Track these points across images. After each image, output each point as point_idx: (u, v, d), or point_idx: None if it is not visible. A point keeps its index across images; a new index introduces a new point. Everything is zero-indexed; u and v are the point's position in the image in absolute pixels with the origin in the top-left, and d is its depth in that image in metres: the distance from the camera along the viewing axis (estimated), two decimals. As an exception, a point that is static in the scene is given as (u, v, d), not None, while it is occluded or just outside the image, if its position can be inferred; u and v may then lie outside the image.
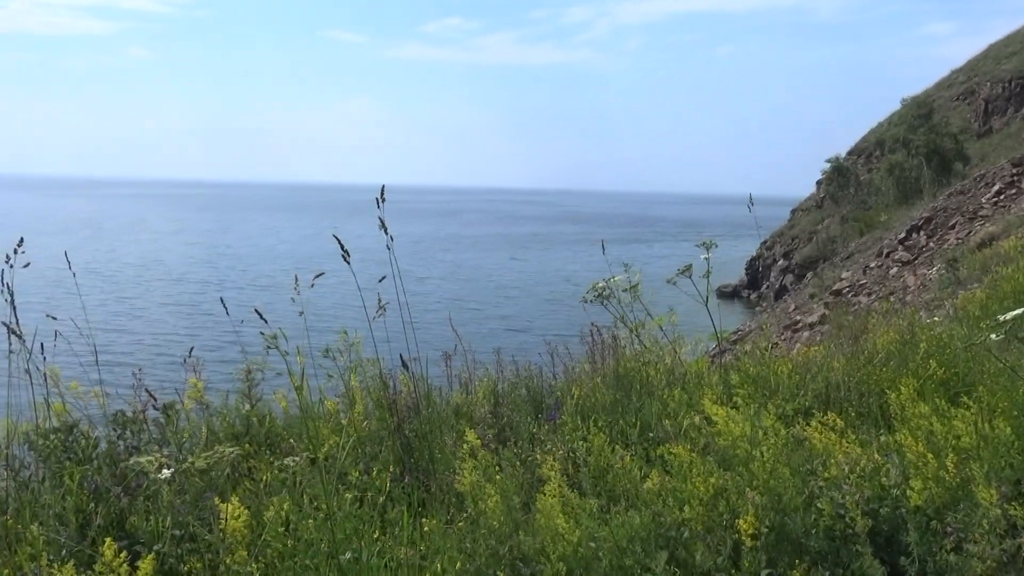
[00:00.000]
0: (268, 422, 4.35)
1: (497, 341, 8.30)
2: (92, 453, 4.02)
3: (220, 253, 50.41)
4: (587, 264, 49.63)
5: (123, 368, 4.92)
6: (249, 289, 31.57)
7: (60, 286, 25.47)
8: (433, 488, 3.83)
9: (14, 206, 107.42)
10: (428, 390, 4.46)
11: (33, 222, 73.72)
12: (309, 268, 27.43)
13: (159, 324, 24.41)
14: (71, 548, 3.52)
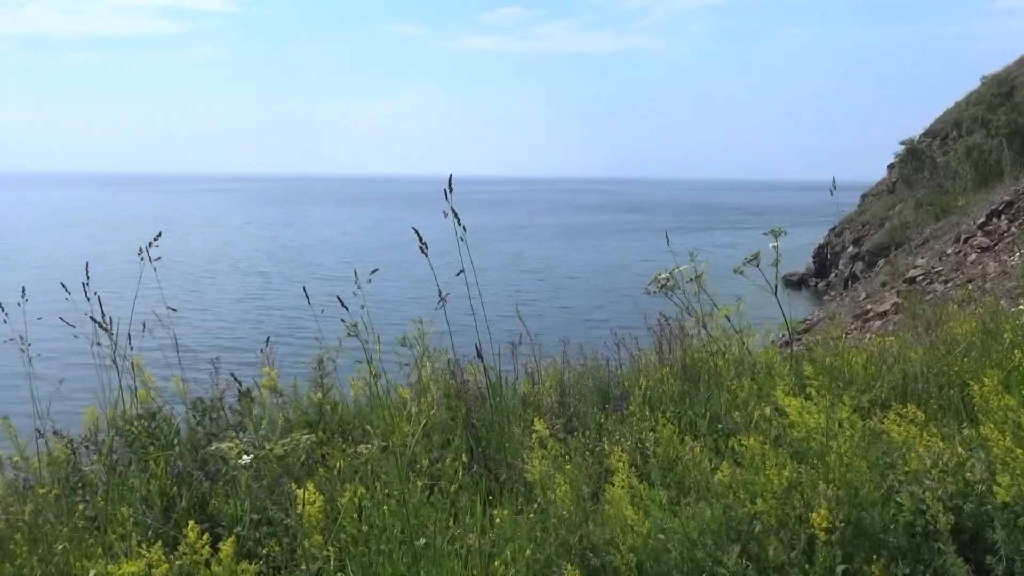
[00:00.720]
0: (340, 410, 4.45)
1: (557, 332, 8.29)
2: (174, 439, 4.18)
3: (283, 246, 51.60)
4: (646, 253, 49.09)
5: (192, 356, 5.08)
6: (311, 281, 32.33)
7: (133, 279, 26.52)
8: (502, 477, 3.86)
9: (94, 202, 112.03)
10: (498, 379, 4.49)
11: (109, 217, 76.77)
12: (369, 260, 28.05)
13: (227, 316, 25.13)
14: (157, 529, 3.68)
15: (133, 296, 4.71)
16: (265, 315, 23.98)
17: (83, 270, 4.73)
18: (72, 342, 4.42)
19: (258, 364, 4.95)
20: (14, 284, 4.64)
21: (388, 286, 27.55)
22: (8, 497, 3.83)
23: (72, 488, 3.92)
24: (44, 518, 3.56)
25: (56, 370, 4.85)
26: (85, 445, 4.24)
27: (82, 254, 38.44)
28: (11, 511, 3.64)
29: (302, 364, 5.06)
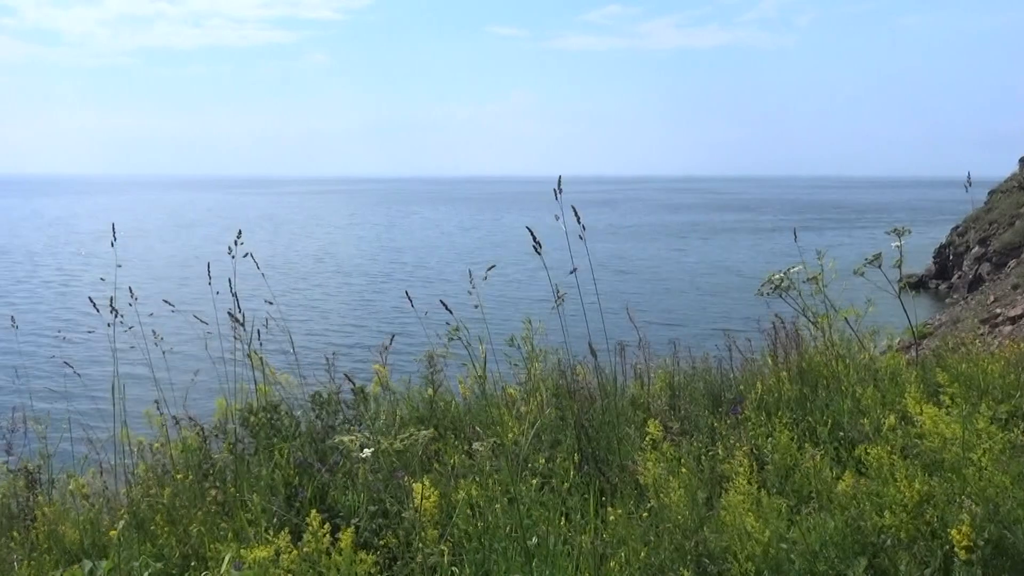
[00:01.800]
0: (453, 407, 4.52)
1: (661, 334, 8.12)
2: (296, 431, 4.36)
3: (383, 246, 52.92)
4: (750, 254, 47.62)
5: (305, 353, 5.28)
6: (411, 281, 32.94)
7: (246, 278, 27.84)
8: (614, 478, 3.82)
9: (215, 204, 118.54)
10: (611, 380, 4.46)
11: (225, 219, 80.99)
12: (469, 260, 28.41)
13: (332, 315, 25.97)
14: (281, 517, 3.85)
15: (242, 294, 4.94)
16: (369, 315, 24.70)
17: (201, 268, 5.01)
18: (204, 335, 4.70)
19: (367, 361, 5.11)
20: (143, 280, 4.96)
21: (494, 286, 27.83)
22: (149, 480, 4.09)
23: (204, 474, 4.15)
24: (180, 501, 3.79)
25: (192, 362, 5.15)
26: (215, 434, 4.48)
27: (202, 253, 40.47)
28: (151, 493, 3.89)
29: (411, 363, 5.17)
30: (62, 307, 25.98)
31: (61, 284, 31.35)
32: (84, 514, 3.93)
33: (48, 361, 14.76)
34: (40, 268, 36.69)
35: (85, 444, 4.73)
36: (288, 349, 5.24)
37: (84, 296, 18.77)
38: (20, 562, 3.63)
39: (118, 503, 4.23)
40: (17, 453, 4.43)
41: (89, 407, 5.28)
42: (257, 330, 4.53)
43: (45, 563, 3.57)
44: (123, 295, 5.03)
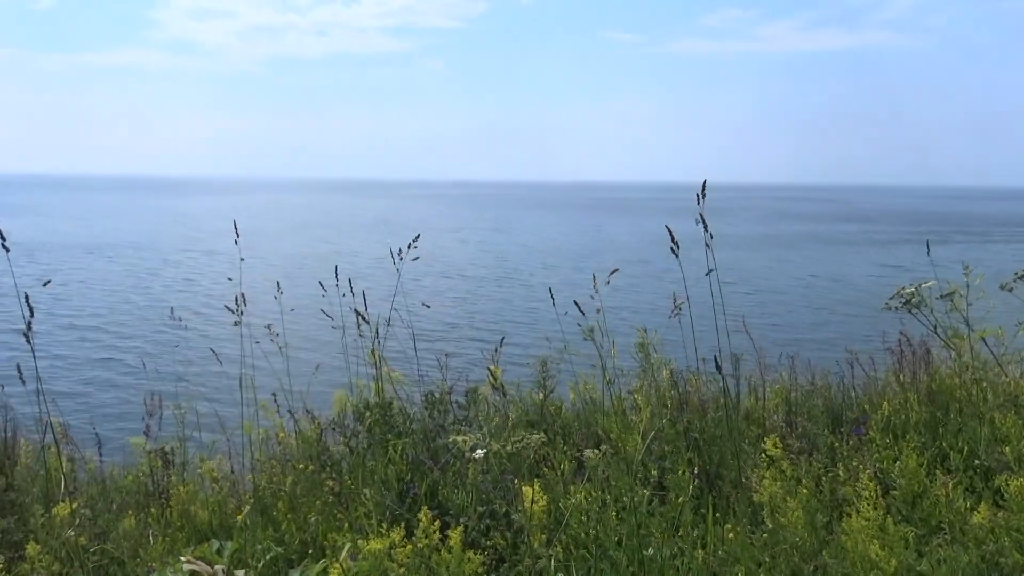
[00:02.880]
0: (562, 412, 4.52)
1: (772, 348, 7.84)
2: (408, 428, 4.48)
3: (489, 250, 53.46)
4: (870, 267, 45.26)
5: (415, 352, 5.40)
6: (511, 285, 33.17)
7: (361, 278, 28.80)
8: (731, 495, 3.72)
9: (332, 206, 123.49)
10: (724, 392, 4.34)
11: (339, 221, 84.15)
12: (575, 266, 28.15)
13: (443, 315, 26.48)
14: (393, 511, 3.96)
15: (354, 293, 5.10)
16: (478, 317, 25.05)
17: (315, 267, 5.22)
18: (326, 331, 4.91)
19: (477, 362, 5.17)
20: (263, 278, 5.21)
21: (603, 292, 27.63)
22: (273, 468, 4.30)
23: (321, 466, 4.33)
24: (300, 490, 3.96)
25: (316, 357, 5.39)
26: (332, 428, 4.66)
27: (315, 252, 41.91)
28: (274, 481, 4.09)
29: (522, 366, 5.21)
30: (190, 300, 27.70)
31: (185, 280, 33.45)
32: (213, 496, 4.18)
33: (183, 351, 15.84)
34: (168, 265, 39.24)
35: (215, 430, 5.02)
36: (403, 348, 5.38)
37: (206, 290, 19.92)
38: (156, 537, 3.89)
39: (242, 488, 4.46)
40: (154, 435, 4.76)
41: (222, 396, 5.61)
42: (377, 328, 4.68)
43: (178, 540, 3.81)
44: (248, 291, 5.31)
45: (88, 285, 30.18)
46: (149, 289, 30.29)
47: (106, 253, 44.80)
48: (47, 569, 3.62)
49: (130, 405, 12.67)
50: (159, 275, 35.60)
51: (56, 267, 36.66)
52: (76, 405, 13.37)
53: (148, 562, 3.58)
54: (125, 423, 10.42)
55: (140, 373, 16.14)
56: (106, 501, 4.37)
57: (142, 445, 4.70)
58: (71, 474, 4.43)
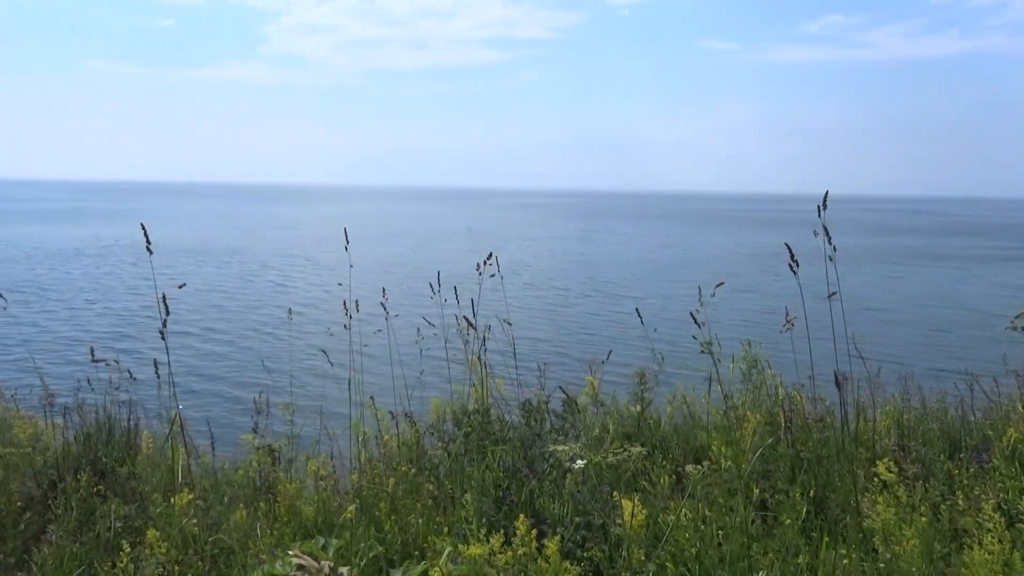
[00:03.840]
0: (660, 426, 4.46)
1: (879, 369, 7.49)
2: (506, 435, 4.52)
3: (573, 260, 52.98)
4: (985, 286, 42.61)
5: (510, 360, 5.43)
6: (598, 296, 32.87)
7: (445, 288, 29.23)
8: (840, 519, 3.57)
9: (424, 214, 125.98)
10: (831, 412, 4.19)
11: (430, 229, 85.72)
12: (663, 278, 27.56)
13: (527, 326, 26.48)
14: (490, 517, 3.99)
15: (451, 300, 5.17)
16: (565, 327, 24.98)
17: (404, 274, 5.34)
18: (430, 337, 5.02)
19: (573, 373, 5.17)
20: (362, 284, 5.35)
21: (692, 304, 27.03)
22: (376, 469, 4.42)
23: (420, 469, 4.41)
24: (402, 491, 4.05)
25: (420, 361, 5.51)
26: (430, 432, 4.75)
27: (407, 261, 42.65)
28: (376, 483, 4.20)
29: (614, 377, 5.17)
30: (294, 303, 28.83)
31: (279, 284, 34.78)
32: (318, 493, 4.32)
33: (291, 352, 16.46)
34: (267, 269, 40.88)
35: (319, 430, 5.20)
36: (501, 356, 5.43)
37: (307, 293, 20.53)
38: (264, 530, 4.05)
39: (345, 487, 4.60)
40: (262, 433, 4.96)
41: (328, 397, 5.80)
42: (483, 336, 4.75)
43: (285, 534, 3.96)
44: (347, 296, 5.48)
45: (202, 286, 31.81)
46: (258, 291, 31.66)
47: (215, 256, 47.09)
48: (165, 555, 3.82)
49: (241, 403, 13.28)
50: (263, 278, 37.14)
51: (170, 268, 38.75)
52: (190, 400, 14.10)
53: (257, 554, 3.73)
54: (236, 420, 10.91)
55: (250, 372, 16.88)
56: (218, 494, 4.58)
57: (251, 442, 4.91)
58: (187, 466, 4.67)
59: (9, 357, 17.12)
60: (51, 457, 5.01)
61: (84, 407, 5.38)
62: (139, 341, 20.70)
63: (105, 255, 45.88)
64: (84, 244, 52.47)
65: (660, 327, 23.97)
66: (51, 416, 5.52)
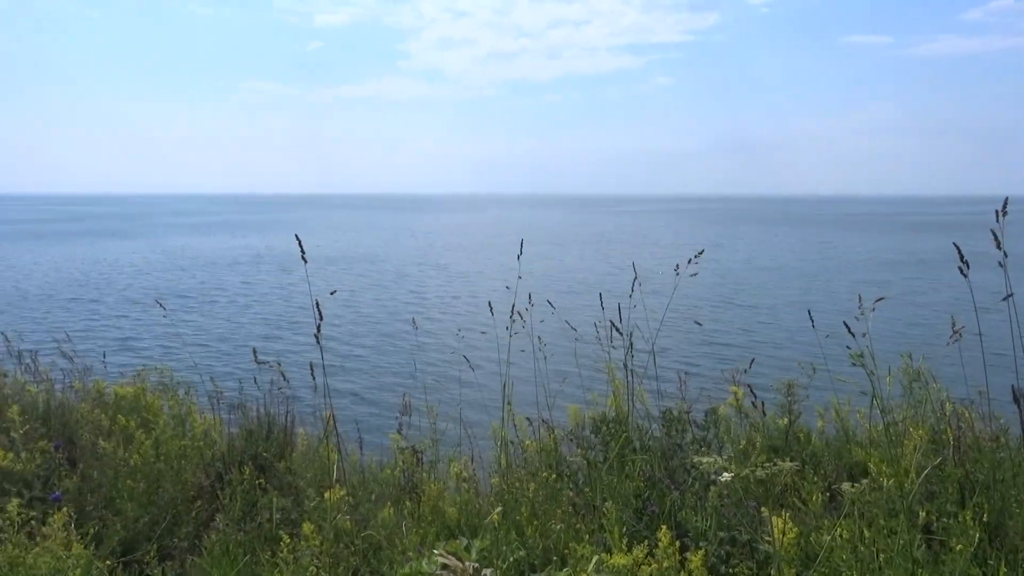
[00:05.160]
0: (811, 440, 4.25)
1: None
2: (646, 444, 4.45)
3: (707, 267, 51.22)
4: None
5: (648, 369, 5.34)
6: (733, 305, 31.68)
7: (573, 293, 29.10)
8: (1020, 548, 3.27)
9: (556, 222, 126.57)
10: (1005, 431, 3.85)
11: (560, 236, 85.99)
12: (804, 286, 26.17)
13: (666, 333, 25.86)
14: (631, 527, 3.94)
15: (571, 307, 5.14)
16: (700, 335, 24.34)
17: (534, 282, 5.35)
18: (564, 341, 5.03)
19: (715, 382, 5.02)
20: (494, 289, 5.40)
21: (850, 316, 25.62)
22: (518, 474, 4.48)
23: (558, 475, 4.42)
24: (542, 497, 4.07)
25: (565, 367, 5.56)
26: (569, 438, 4.75)
27: (534, 268, 42.98)
28: (516, 488, 4.25)
29: (760, 388, 4.97)
30: (429, 308, 29.76)
31: (413, 292, 35.93)
32: (461, 495, 4.43)
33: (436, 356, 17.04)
34: (403, 277, 42.37)
35: (461, 431, 5.34)
36: (639, 363, 5.36)
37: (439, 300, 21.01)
38: (409, 529, 4.19)
39: (485, 490, 4.68)
40: (407, 434, 5.14)
41: (471, 400, 5.94)
42: (630, 343, 4.71)
43: (429, 533, 4.08)
44: (481, 300, 5.57)
45: (350, 292, 33.43)
46: (401, 296, 32.94)
47: (359, 264, 49.38)
48: (319, 547, 4.03)
49: (384, 405, 13.85)
50: (404, 284, 38.55)
51: (315, 276, 40.97)
52: (337, 400, 14.86)
53: (404, 551, 3.86)
54: (380, 421, 11.39)
55: (394, 375, 17.59)
56: (366, 491, 4.78)
57: (397, 442, 5.10)
58: (339, 463, 4.91)
59: (177, 357, 18.67)
60: (218, 451, 5.42)
61: (246, 405, 5.79)
62: (291, 343, 22.04)
63: (257, 263, 49.23)
64: (239, 253, 56.51)
65: (803, 336, 22.86)
66: (218, 412, 5.97)
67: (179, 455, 5.17)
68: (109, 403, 6.22)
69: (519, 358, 5.36)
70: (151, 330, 24.16)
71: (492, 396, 5.70)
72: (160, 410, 6.05)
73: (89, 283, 37.93)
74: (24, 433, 5.23)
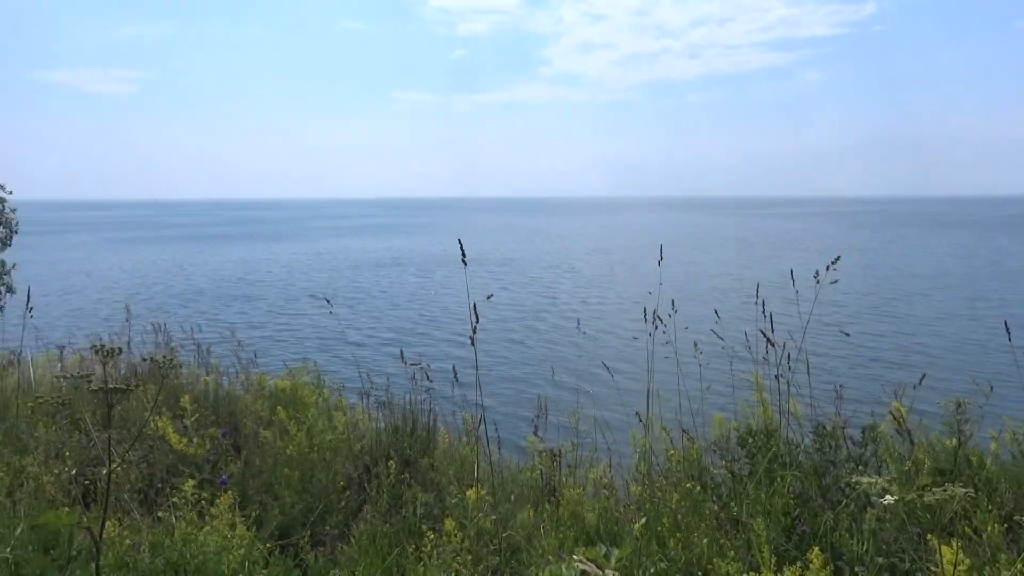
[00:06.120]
0: (985, 465, 3.90)
1: None
2: (796, 459, 4.24)
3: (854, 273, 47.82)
4: None
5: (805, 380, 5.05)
6: (883, 314, 29.42)
7: (698, 301, 28.11)
8: None
9: (693, 225, 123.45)
10: None
11: (702, 240, 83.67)
12: (963, 295, 24.02)
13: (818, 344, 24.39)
14: (779, 546, 3.76)
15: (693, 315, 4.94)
16: (853, 347, 22.85)
17: (681, 286, 5.19)
18: (711, 350, 4.89)
19: (871, 397, 4.70)
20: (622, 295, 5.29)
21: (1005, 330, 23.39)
22: (658, 483, 4.39)
23: (702, 487, 4.29)
24: (684, 509, 3.97)
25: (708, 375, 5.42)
26: (713, 449, 4.60)
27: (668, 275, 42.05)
28: (658, 498, 4.16)
29: (922, 405, 4.61)
30: (566, 311, 29.86)
31: (544, 294, 36.06)
32: (600, 501, 4.39)
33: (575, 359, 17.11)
34: (533, 280, 42.63)
35: (599, 437, 5.30)
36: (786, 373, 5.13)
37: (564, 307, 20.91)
38: (547, 532, 4.20)
39: (624, 497, 4.62)
40: (546, 437, 5.16)
41: (608, 404, 5.91)
42: (788, 354, 4.51)
43: (567, 537, 4.07)
44: (621, 305, 5.49)
45: (501, 294, 34.13)
46: (544, 300, 33.28)
47: (504, 266, 50.30)
48: (460, 544, 4.12)
49: (523, 407, 14.01)
50: (548, 286, 38.86)
51: (452, 278, 42.10)
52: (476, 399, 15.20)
53: (543, 554, 3.88)
54: (520, 421, 11.53)
55: (533, 376, 17.78)
56: (505, 491, 4.85)
57: (535, 444, 5.13)
58: (480, 463, 5.00)
59: (328, 354, 19.74)
60: (366, 444, 5.66)
61: (392, 402, 6.02)
62: (432, 342, 22.76)
63: (398, 264, 51.29)
64: (382, 256, 59.06)
65: (968, 352, 21.00)
66: (366, 407, 6.25)
67: (330, 447, 5.45)
68: (269, 395, 6.66)
69: (661, 364, 5.25)
70: (305, 327, 25.72)
71: (631, 401, 5.61)
72: (313, 403, 6.40)
73: (251, 282, 40.94)
74: (195, 420, 5.70)
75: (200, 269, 48.68)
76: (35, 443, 5.39)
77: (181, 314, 27.92)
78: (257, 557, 3.87)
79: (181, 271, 47.49)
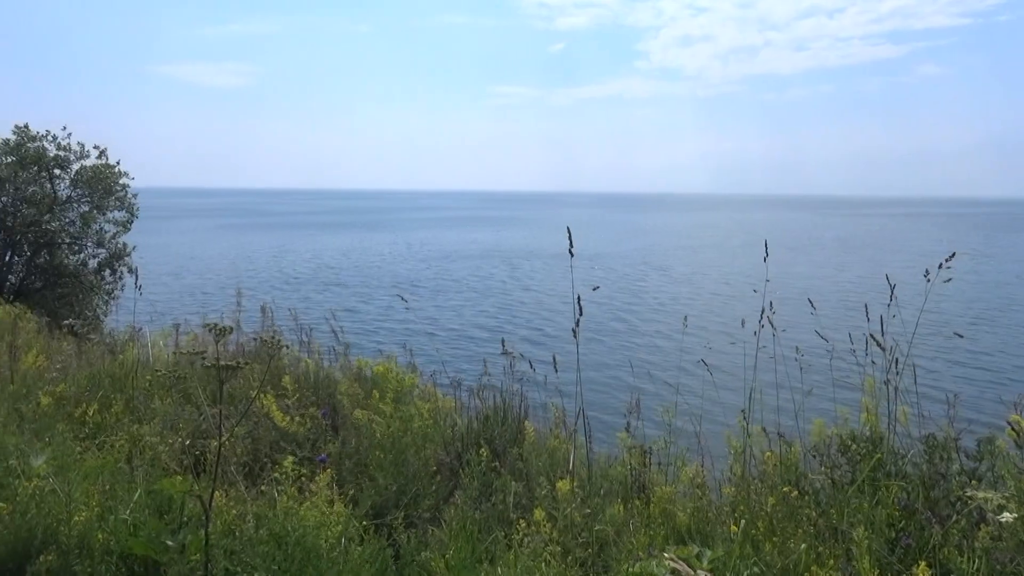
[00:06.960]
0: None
1: None
2: (902, 469, 4.05)
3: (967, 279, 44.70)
4: None
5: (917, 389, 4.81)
6: (990, 325, 27.53)
7: (794, 302, 27.09)
8: None
9: (795, 224, 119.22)
10: None
11: (796, 240, 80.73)
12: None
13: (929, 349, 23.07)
14: (882, 558, 3.60)
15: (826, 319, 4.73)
16: (970, 354, 21.58)
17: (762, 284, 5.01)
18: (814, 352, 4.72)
19: (992, 410, 4.43)
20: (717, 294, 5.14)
21: None
22: (753, 485, 4.29)
23: (800, 494, 4.15)
24: (780, 514, 3.86)
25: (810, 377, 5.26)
26: (812, 455, 4.45)
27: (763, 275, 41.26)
28: (753, 500, 4.06)
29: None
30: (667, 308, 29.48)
31: (639, 290, 35.59)
32: (692, 501, 4.32)
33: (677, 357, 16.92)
34: (624, 277, 42.12)
35: (694, 436, 5.21)
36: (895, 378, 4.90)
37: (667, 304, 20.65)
38: (637, 529, 4.16)
39: (716, 498, 4.53)
40: (638, 432, 5.12)
41: (702, 404, 5.81)
42: (896, 357, 4.32)
43: (658, 536, 4.02)
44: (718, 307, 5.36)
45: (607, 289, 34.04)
46: (645, 296, 33.01)
47: (601, 261, 50.11)
48: (548, 535, 4.14)
49: (615, 400, 13.94)
50: (649, 283, 38.46)
51: (540, 272, 42.20)
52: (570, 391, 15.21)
53: (632, 550, 3.85)
54: (612, 415, 11.48)
55: (623, 371, 17.67)
56: (594, 485, 4.83)
57: (625, 441, 5.09)
58: (574, 455, 5.01)
59: (422, 340, 20.17)
60: (458, 432, 5.76)
61: (483, 391, 6.11)
62: (526, 333, 22.92)
63: (491, 256, 51.78)
64: (473, 248, 59.78)
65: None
66: (459, 396, 6.36)
67: (422, 432, 5.57)
68: (367, 378, 6.87)
69: (762, 364, 5.11)
70: (399, 314, 26.36)
71: (728, 401, 5.49)
72: (408, 389, 6.56)
73: (348, 269, 42.26)
74: (296, 400, 5.94)
75: (301, 256, 50.64)
76: (151, 414, 5.74)
77: (282, 297, 29.15)
78: (353, 534, 4.00)
79: (283, 257, 49.57)
